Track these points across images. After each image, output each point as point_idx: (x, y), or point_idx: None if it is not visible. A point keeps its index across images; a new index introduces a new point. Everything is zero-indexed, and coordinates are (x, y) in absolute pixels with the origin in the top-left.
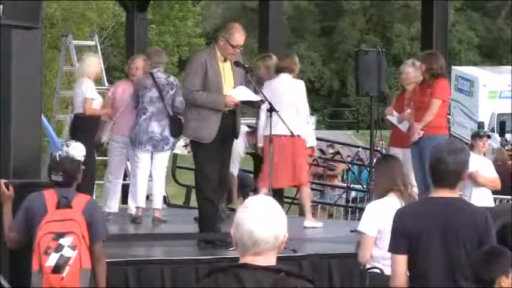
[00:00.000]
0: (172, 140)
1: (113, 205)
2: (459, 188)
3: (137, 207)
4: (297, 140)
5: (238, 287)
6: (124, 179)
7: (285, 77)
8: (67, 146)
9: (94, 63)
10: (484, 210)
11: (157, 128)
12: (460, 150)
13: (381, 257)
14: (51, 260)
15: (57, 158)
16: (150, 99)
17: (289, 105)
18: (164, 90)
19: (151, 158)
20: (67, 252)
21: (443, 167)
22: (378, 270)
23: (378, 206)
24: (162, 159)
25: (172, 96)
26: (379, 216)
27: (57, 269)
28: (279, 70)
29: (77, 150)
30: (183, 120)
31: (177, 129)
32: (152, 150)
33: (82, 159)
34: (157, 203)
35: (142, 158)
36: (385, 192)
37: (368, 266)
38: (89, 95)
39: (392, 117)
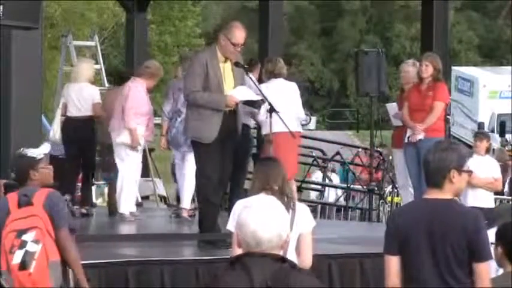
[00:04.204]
0: None
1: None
2: (454, 190)
3: (185, 208)
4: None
5: (243, 273)
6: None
7: None
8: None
9: (89, 68)
10: (474, 211)
11: None
12: (445, 148)
13: None
14: (17, 258)
15: (12, 156)
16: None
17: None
18: None
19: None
20: (31, 247)
21: (427, 166)
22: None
23: (245, 204)
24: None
25: None
26: None
27: (24, 265)
28: None
29: (39, 148)
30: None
31: None
32: (187, 150)
33: (40, 156)
34: (186, 202)
35: (180, 159)
36: (259, 191)
37: None
38: (98, 99)
39: (392, 108)
